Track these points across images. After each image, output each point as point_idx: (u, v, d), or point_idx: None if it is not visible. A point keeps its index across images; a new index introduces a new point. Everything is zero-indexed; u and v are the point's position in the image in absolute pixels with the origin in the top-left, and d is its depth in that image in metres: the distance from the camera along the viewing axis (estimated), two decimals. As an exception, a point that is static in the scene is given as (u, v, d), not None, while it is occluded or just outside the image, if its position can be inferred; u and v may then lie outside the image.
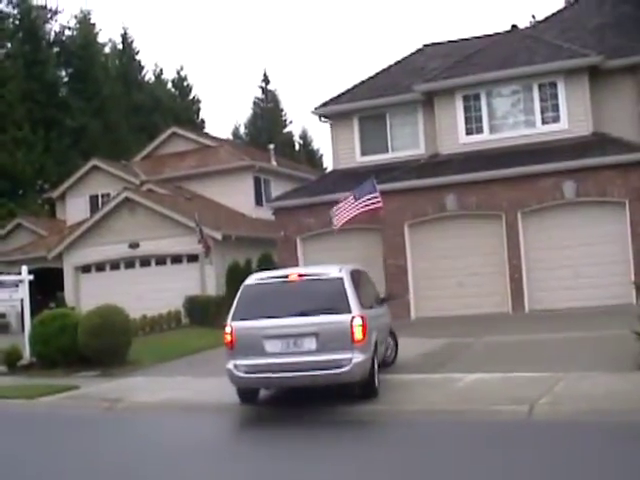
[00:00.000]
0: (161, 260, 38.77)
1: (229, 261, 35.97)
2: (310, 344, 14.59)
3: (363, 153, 32.79)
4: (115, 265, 39.82)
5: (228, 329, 15.09)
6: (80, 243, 40.06)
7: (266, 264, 33.83)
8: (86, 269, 40.53)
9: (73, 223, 44.95)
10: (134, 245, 38.53)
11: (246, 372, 14.80)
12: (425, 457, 11.30)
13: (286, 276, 15.72)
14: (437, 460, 11.02)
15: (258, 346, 14.73)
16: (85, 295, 39.03)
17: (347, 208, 26.64)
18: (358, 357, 14.48)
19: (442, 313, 27.34)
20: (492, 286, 27.41)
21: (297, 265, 30.54)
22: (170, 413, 16.44)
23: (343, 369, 14.39)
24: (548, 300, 26.67)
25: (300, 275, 15.71)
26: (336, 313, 14.81)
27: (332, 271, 15.72)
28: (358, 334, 14.54)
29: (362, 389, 15.10)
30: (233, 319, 15.18)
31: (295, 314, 14.89)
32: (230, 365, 14.93)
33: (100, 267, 40.17)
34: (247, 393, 15.60)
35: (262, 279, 15.85)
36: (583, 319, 23.17)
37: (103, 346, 23.27)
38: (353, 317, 14.63)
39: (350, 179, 30.15)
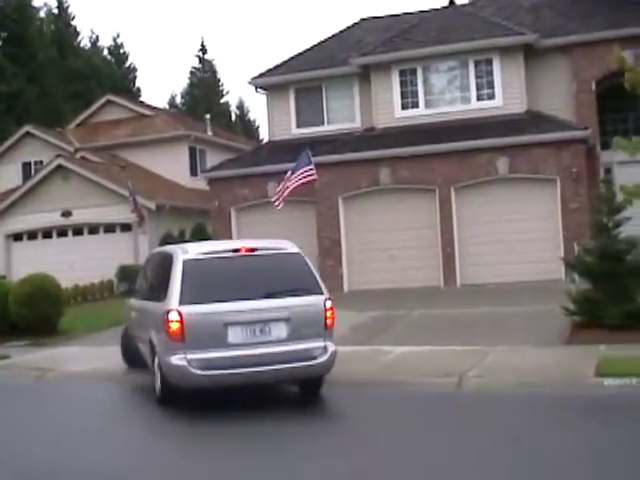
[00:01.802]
0: (94, 229, 38.51)
1: (163, 231, 35.83)
2: (280, 331, 12.47)
3: (299, 125, 32.75)
4: (47, 234, 39.45)
5: (174, 315, 12.17)
6: (12, 211, 39.58)
7: (200, 235, 33.76)
8: (18, 237, 40.08)
9: (5, 190, 44.26)
10: (67, 213, 38.17)
11: (203, 368, 12.12)
12: (343, 429, 11.43)
13: (237, 249, 13.14)
14: (355, 433, 11.13)
15: (218, 336, 12.17)
16: (17, 264, 38.58)
17: (285, 184, 26.67)
18: (331, 345, 12.91)
19: (374, 286, 27.49)
20: (425, 260, 27.60)
21: (231, 236, 30.50)
22: (100, 383, 16.39)
23: (319, 360, 12.68)
24: (480, 275, 26.96)
25: (251, 249, 13.19)
26: (307, 294, 12.95)
27: (286, 245, 13.70)
28: (331, 318, 12.97)
29: (318, 382, 13.44)
30: (181, 302, 12.26)
31: (261, 296, 12.63)
32: (179, 360, 12.15)
33: (32, 235, 39.76)
34: (172, 391, 12.81)
35: (206, 253, 13.18)
36: (513, 294, 23.46)
37: (34, 315, 23.16)
38: (326, 299, 13.00)
39: (285, 151, 30.18)
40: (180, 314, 12.13)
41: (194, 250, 13.28)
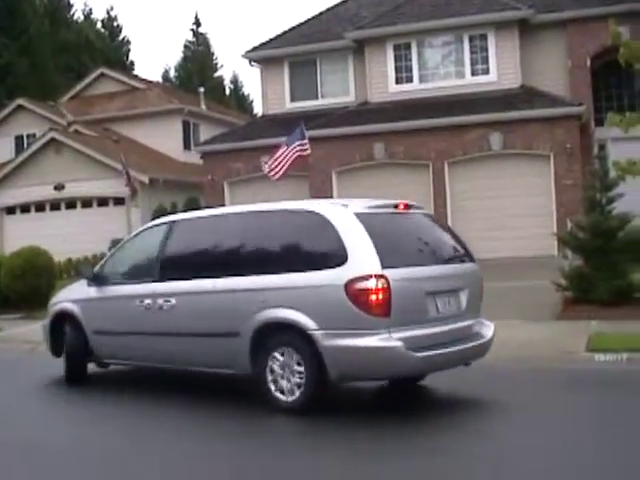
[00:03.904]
0: (87, 202, 38.51)
1: (155, 204, 35.75)
2: (462, 303, 10.41)
3: (293, 99, 32.72)
4: (40, 207, 39.41)
5: (377, 283, 9.27)
6: (4, 184, 39.51)
7: (192, 208, 33.69)
8: (10, 210, 40.05)
9: (-3, 163, 44.28)
10: (59, 187, 38.10)
11: (415, 350, 9.37)
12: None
13: (396, 205, 10.58)
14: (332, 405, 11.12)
15: (421, 308, 9.77)
16: (9, 237, 38.57)
17: (280, 157, 26.57)
18: (486, 320, 11.03)
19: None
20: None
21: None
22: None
23: (487, 337, 10.69)
24: (472, 249, 26.85)
25: (408, 206, 10.72)
26: (469, 260, 11.19)
27: (416, 203, 11.35)
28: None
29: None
30: (384, 265, 9.41)
31: (444, 260, 10.71)
32: (384, 341, 9.33)
33: (25, 209, 39.71)
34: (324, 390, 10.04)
35: (372, 207, 10.40)
36: (505, 269, 23.42)
37: (26, 288, 23.14)
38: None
39: (279, 125, 30.12)
40: (387, 280, 9.30)
41: (357, 204, 10.38)
